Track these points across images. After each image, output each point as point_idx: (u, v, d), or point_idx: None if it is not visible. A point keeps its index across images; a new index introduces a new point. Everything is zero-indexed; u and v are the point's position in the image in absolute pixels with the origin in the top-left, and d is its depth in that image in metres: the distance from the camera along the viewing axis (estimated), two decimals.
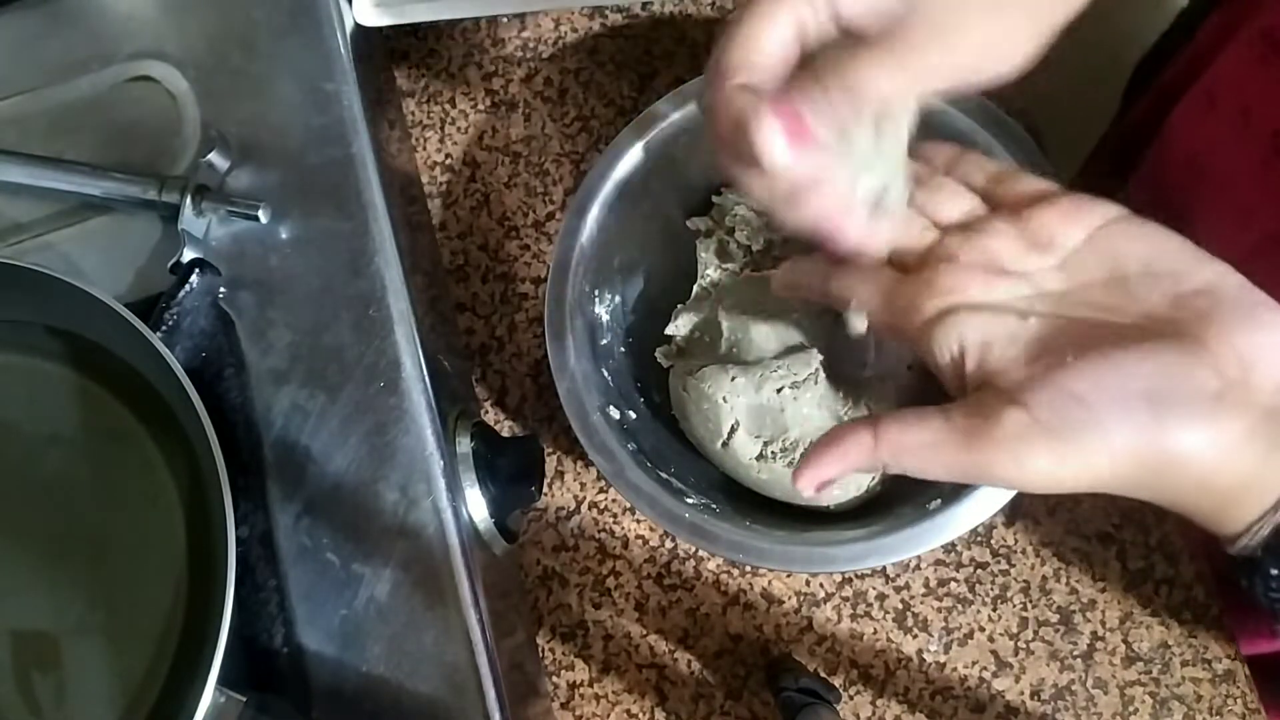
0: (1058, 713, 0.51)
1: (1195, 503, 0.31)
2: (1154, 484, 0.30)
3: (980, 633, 0.52)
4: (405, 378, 0.43)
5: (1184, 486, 0.30)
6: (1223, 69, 0.49)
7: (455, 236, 0.60)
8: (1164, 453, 0.29)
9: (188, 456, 0.41)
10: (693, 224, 0.53)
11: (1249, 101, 0.46)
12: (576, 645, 0.54)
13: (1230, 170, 0.48)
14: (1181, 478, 0.30)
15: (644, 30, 0.61)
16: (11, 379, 0.44)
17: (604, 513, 0.55)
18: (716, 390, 0.47)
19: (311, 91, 0.46)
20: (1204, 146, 0.50)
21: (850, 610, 0.53)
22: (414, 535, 0.41)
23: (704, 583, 0.54)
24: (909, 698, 0.52)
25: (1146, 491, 0.31)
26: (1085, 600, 0.52)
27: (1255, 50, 0.46)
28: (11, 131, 0.47)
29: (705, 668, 0.53)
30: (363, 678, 0.40)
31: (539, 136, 0.61)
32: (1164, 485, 0.30)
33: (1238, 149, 0.47)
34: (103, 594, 0.41)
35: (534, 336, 0.58)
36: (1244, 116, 0.47)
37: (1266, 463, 0.30)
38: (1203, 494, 0.30)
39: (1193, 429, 0.29)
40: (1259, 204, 0.46)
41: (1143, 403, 0.29)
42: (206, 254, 0.44)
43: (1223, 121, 0.48)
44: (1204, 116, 0.50)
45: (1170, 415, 0.29)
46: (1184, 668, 0.51)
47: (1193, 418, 0.29)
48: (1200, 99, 0.50)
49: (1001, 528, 0.53)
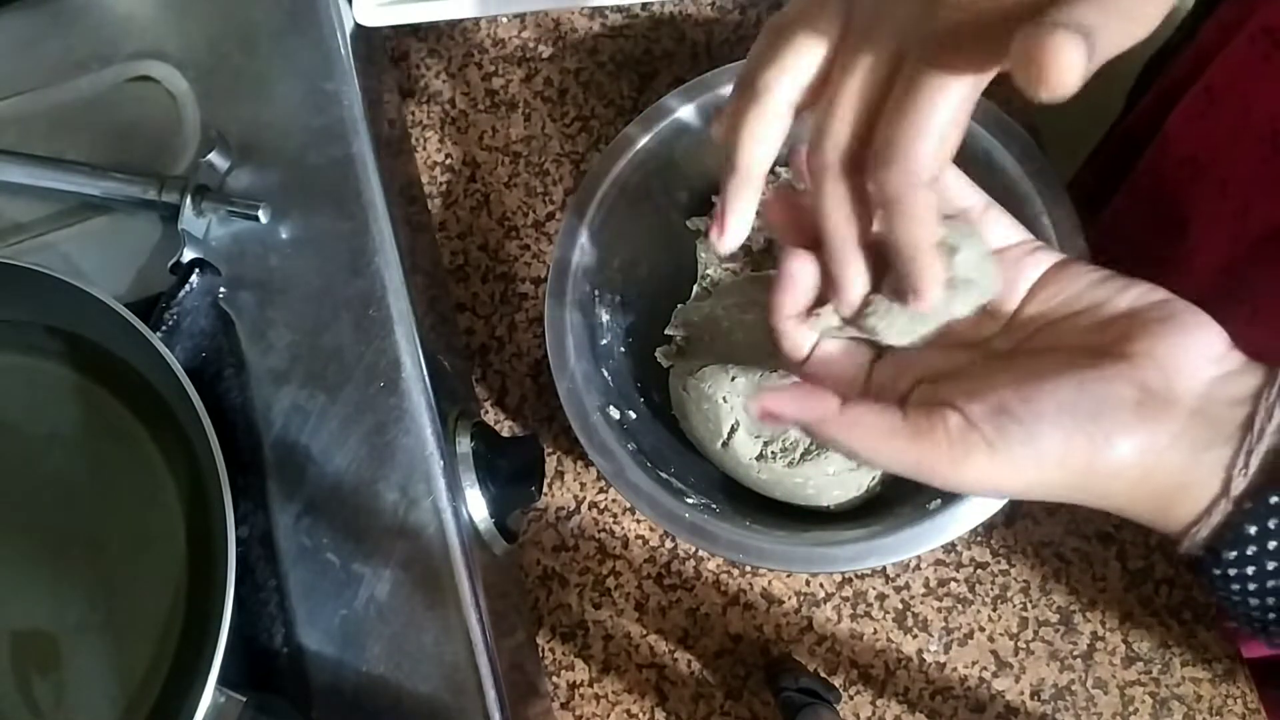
0: (1058, 713, 0.51)
1: (1133, 507, 0.32)
2: (1087, 489, 0.32)
3: (980, 633, 0.52)
4: (405, 378, 0.43)
5: (1116, 491, 0.32)
6: (1223, 66, 0.49)
7: (455, 236, 0.60)
8: (1089, 461, 0.31)
9: (188, 456, 0.41)
10: (693, 224, 0.53)
11: (1249, 99, 0.46)
12: (576, 645, 0.54)
13: (1229, 168, 0.48)
14: (1111, 483, 0.31)
15: (644, 30, 0.62)
16: (11, 379, 0.44)
17: (604, 513, 0.55)
18: (716, 390, 0.47)
19: (311, 91, 0.46)
20: (1203, 144, 0.50)
21: (850, 610, 0.53)
22: (414, 535, 0.41)
23: (704, 583, 0.54)
24: (909, 698, 0.52)
25: (1082, 495, 0.32)
26: (1085, 600, 0.52)
27: (1258, 47, 0.46)
28: (11, 131, 0.47)
29: (705, 668, 0.53)
30: (363, 678, 0.40)
31: (539, 136, 0.61)
32: (1096, 491, 0.32)
33: (1237, 146, 0.47)
34: (103, 594, 0.41)
35: (534, 336, 0.58)
36: (1244, 113, 0.47)
37: (1196, 463, 0.31)
38: (1138, 498, 0.32)
39: (1114, 438, 0.31)
40: (1256, 201, 0.46)
41: (1067, 417, 0.31)
42: (206, 254, 0.44)
43: (1223, 119, 0.48)
44: (1203, 114, 0.50)
45: (1092, 426, 0.31)
46: (1184, 668, 0.51)
47: (1113, 427, 0.31)
48: (1200, 97, 0.50)
49: (1001, 528, 0.53)
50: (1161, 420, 0.31)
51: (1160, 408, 0.31)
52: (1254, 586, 0.31)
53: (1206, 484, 0.31)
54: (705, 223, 0.53)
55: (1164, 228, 0.52)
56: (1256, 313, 0.47)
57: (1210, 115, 0.49)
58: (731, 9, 0.61)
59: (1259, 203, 0.46)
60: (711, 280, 0.52)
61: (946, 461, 0.32)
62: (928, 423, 0.32)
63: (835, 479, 0.46)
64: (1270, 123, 0.45)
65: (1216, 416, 0.31)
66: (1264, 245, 0.46)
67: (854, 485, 0.47)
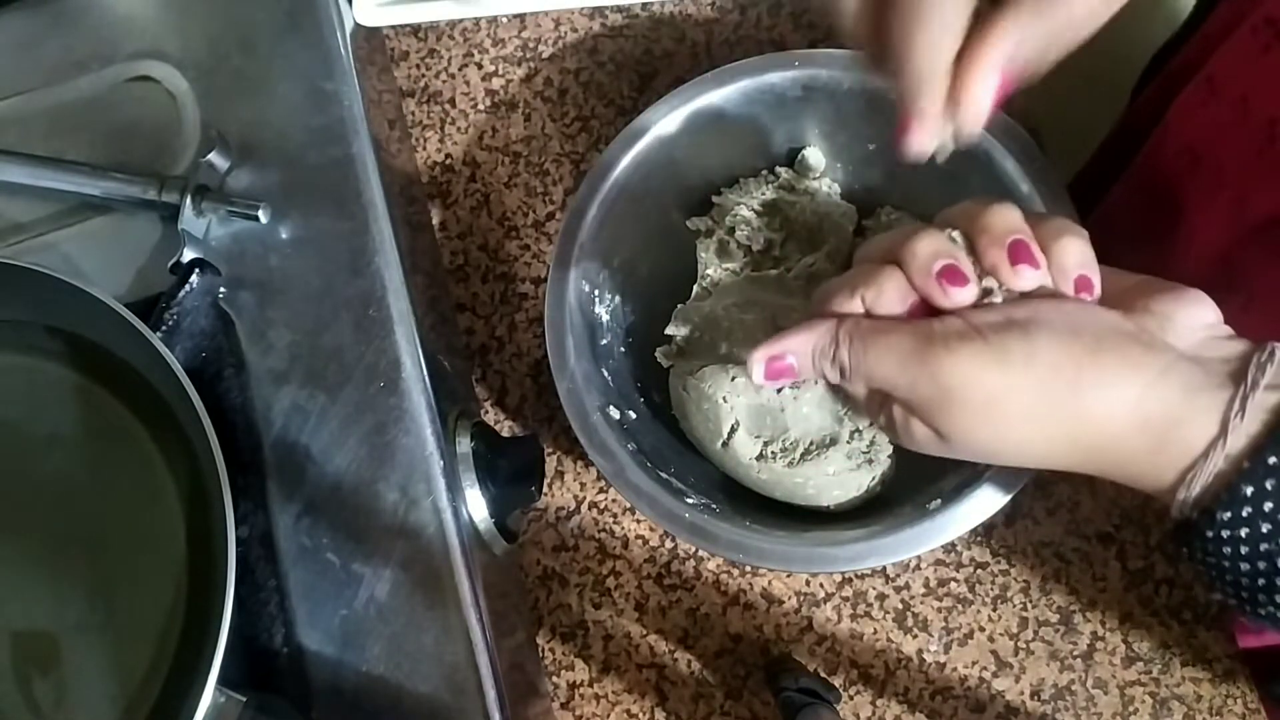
0: (1058, 713, 0.51)
1: (1128, 444, 0.33)
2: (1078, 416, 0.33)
3: (980, 633, 0.52)
4: (405, 378, 0.43)
5: (1111, 418, 0.32)
6: (1224, 57, 0.49)
7: (455, 236, 0.60)
8: (1076, 375, 0.32)
9: (188, 456, 0.41)
10: (693, 224, 0.53)
11: (1248, 89, 0.47)
12: (576, 645, 0.54)
13: (1226, 158, 0.48)
14: (1104, 409, 0.32)
15: (644, 30, 0.62)
16: (11, 379, 0.44)
17: (604, 513, 0.55)
18: (716, 390, 0.47)
19: (311, 91, 0.46)
20: (1202, 134, 0.50)
21: (850, 610, 0.53)
22: (414, 535, 0.41)
23: (704, 583, 0.54)
24: (909, 698, 0.52)
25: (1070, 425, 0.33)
26: (1085, 600, 0.52)
27: (1259, 39, 0.46)
28: (11, 131, 0.47)
29: (705, 668, 0.53)
30: (363, 678, 0.40)
31: (539, 136, 0.61)
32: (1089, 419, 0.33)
33: (1235, 136, 0.47)
34: (102, 593, 0.41)
35: (534, 336, 0.58)
36: (1243, 104, 0.47)
37: (1190, 400, 0.32)
38: (1132, 430, 0.32)
39: (1103, 355, 0.32)
40: (1252, 191, 0.46)
41: (1067, 330, 0.33)
42: (206, 254, 0.44)
43: (1222, 109, 0.48)
44: (1204, 104, 0.50)
45: (1089, 337, 0.33)
46: (1184, 668, 0.51)
47: (1105, 346, 0.32)
48: (1201, 87, 0.50)
49: (1001, 528, 0.53)
50: (1152, 350, 0.32)
51: (1152, 342, 0.33)
52: (1245, 550, 0.32)
53: (1201, 423, 0.32)
54: (705, 223, 0.53)
55: (1160, 217, 0.52)
56: (1251, 300, 0.47)
57: (1210, 105, 0.49)
58: (731, 9, 0.61)
59: (1255, 192, 0.46)
60: (711, 280, 0.52)
61: (939, 348, 0.33)
62: (927, 322, 0.35)
63: (835, 479, 0.46)
64: (1268, 112, 0.45)
65: (1207, 365, 0.32)
66: (1259, 234, 0.46)
67: (854, 485, 0.47)
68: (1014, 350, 0.32)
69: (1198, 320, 0.34)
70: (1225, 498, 0.31)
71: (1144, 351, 0.32)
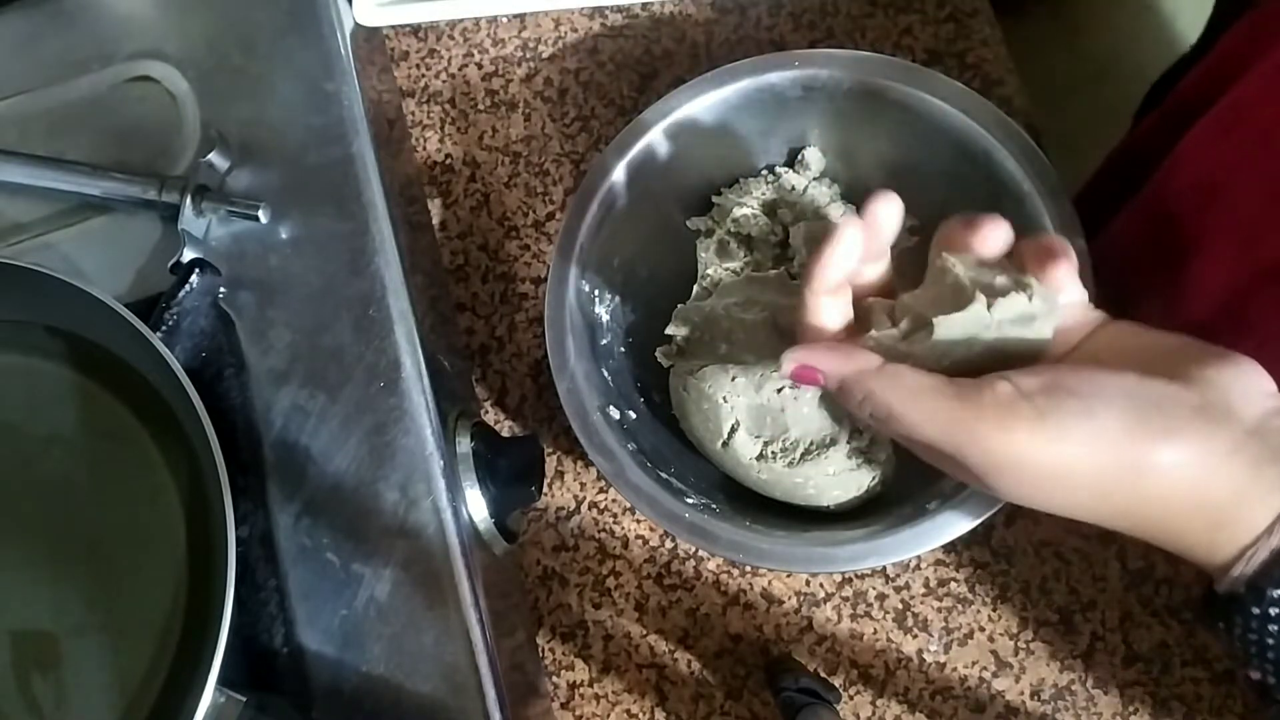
0: (1058, 713, 0.51)
1: (1186, 522, 0.31)
2: (1137, 492, 0.31)
3: (980, 633, 0.52)
4: (405, 378, 0.43)
5: (1167, 496, 0.31)
6: (1246, 92, 0.47)
7: (455, 236, 0.60)
8: (1146, 451, 0.30)
9: (188, 456, 0.41)
10: (693, 224, 0.53)
11: (1270, 125, 0.45)
12: (576, 645, 0.54)
13: (1243, 196, 0.46)
14: (1168, 488, 0.31)
15: (644, 30, 0.61)
16: (11, 379, 0.44)
17: (604, 513, 0.55)
18: (716, 390, 0.46)
19: (311, 91, 0.46)
20: (1219, 170, 0.48)
21: (850, 610, 0.53)
22: (414, 535, 0.41)
23: (704, 583, 0.54)
24: (909, 698, 0.52)
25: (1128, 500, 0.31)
26: (1085, 600, 0.52)
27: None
28: (11, 131, 0.47)
29: (705, 668, 0.53)
30: (363, 678, 0.40)
31: (539, 136, 0.61)
32: (1149, 496, 0.31)
33: (1253, 174, 0.46)
34: (103, 594, 0.41)
35: (534, 336, 0.58)
36: (1264, 141, 0.45)
37: (1256, 478, 0.30)
38: (1192, 509, 0.31)
39: (1174, 435, 0.30)
40: (1267, 232, 0.45)
41: (1130, 405, 0.30)
42: (206, 254, 0.44)
43: (1242, 145, 0.46)
44: (1222, 139, 0.48)
45: (1155, 419, 0.30)
46: (1184, 668, 0.51)
47: (1175, 424, 0.30)
48: (1220, 121, 0.49)
49: (1001, 528, 0.53)
50: (1222, 426, 0.30)
51: (1220, 417, 0.30)
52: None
53: (1266, 501, 0.30)
54: (705, 223, 0.53)
55: (1167, 250, 0.50)
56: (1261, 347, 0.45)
57: (1229, 140, 0.48)
58: (731, 9, 0.61)
59: (1271, 234, 0.45)
60: (711, 280, 0.52)
61: (991, 422, 0.31)
62: (974, 386, 0.32)
63: (835, 479, 0.46)
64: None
65: (1272, 438, 0.31)
66: (1272, 278, 0.45)
67: (854, 485, 0.47)
68: (1072, 427, 0.30)
69: (1256, 389, 0.32)
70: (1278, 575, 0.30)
71: (1213, 430, 0.30)
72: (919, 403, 0.32)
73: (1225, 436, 0.30)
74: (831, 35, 0.60)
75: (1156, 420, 0.30)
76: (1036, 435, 0.30)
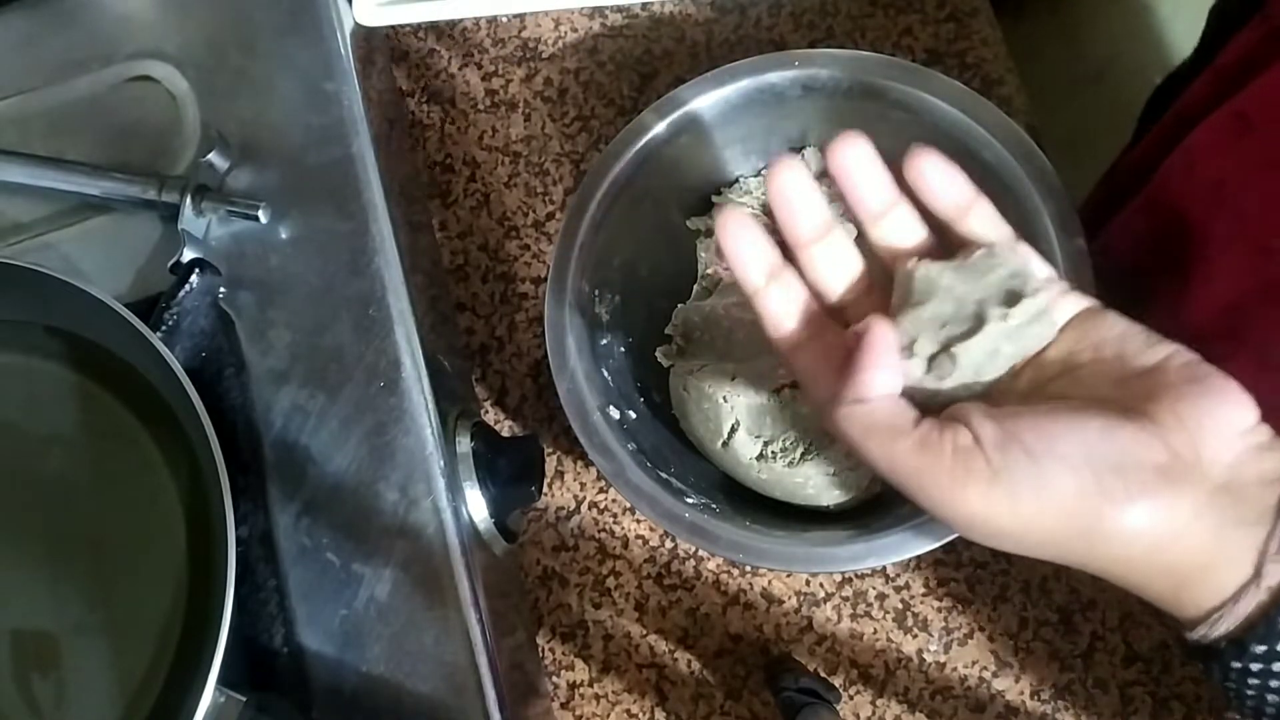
0: (1058, 713, 0.51)
1: (1147, 580, 0.30)
2: (1091, 551, 0.30)
3: (980, 633, 0.52)
4: (405, 378, 0.43)
5: (1123, 558, 0.30)
6: (1259, 95, 0.46)
7: (455, 236, 0.60)
8: (1098, 518, 0.29)
9: (188, 456, 0.41)
10: (693, 224, 0.53)
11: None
12: (576, 645, 0.54)
13: (1253, 207, 0.45)
14: (1117, 548, 0.29)
15: (644, 30, 0.62)
16: (11, 379, 0.44)
17: (604, 513, 0.55)
18: (717, 390, 0.47)
19: (311, 91, 0.46)
20: (1233, 172, 0.47)
21: (850, 610, 0.53)
22: (414, 535, 0.41)
23: (704, 583, 0.54)
24: (909, 698, 0.52)
25: (1082, 557, 0.30)
26: (1085, 600, 0.52)
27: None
28: (11, 131, 0.47)
29: (705, 668, 0.53)
30: (363, 678, 0.40)
31: (539, 136, 0.61)
32: (1101, 554, 0.30)
33: (1264, 179, 0.44)
34: (103, 594, 0.41)
35: (534, 336, 0.58)
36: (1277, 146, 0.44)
37: (1221, 542, 0.29)
38: (1150, 572, 0.30)
39: (1133, 498, 0.29)
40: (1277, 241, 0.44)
41: (1084, 463, 0.29)
42: (206, 254, 0.44)
43: (1253, 149, 0.45)
44: (1237, 140, 0.47)
45: (1112, 478, 0.29)
46: (1184, 668, 0.51)
47: (1135, 489, 0.29)
48: (1233, 121, 0.47)
49: None
50: (1186, 489, 0.29)
51: (1185, 475, 0.29)
52: (1277, 684, 0.29)
53: (1233, 566, 0.29)
54: (705, 223, 0.53)
55: (1167, 260, 0.49)
56: (1266, 359, 0.44)
57: (1244, 142, 0.46)
58: (731, 9, 0.61)
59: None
60: (711, 280, 0.52)
61: (946, 479, 0.30)
62: (937, 435, 0.31)
63: (835, 479, 0.46)
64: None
65: (1245, 494, 0.29)
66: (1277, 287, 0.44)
67: (854, 485, 0.47)
68: (1024, 491, 0.29)
69: (1234, 425, 0.30)
70: (1261, 630, 0.29)
71: (1176, 493, 0.29)
72: (885, 445, 0.31)
73: (1189, 500, 0.29)
74: (831, 35, 0.60)
75: (1114, 485, 0.29)
76: (989, 496, 0.29)
